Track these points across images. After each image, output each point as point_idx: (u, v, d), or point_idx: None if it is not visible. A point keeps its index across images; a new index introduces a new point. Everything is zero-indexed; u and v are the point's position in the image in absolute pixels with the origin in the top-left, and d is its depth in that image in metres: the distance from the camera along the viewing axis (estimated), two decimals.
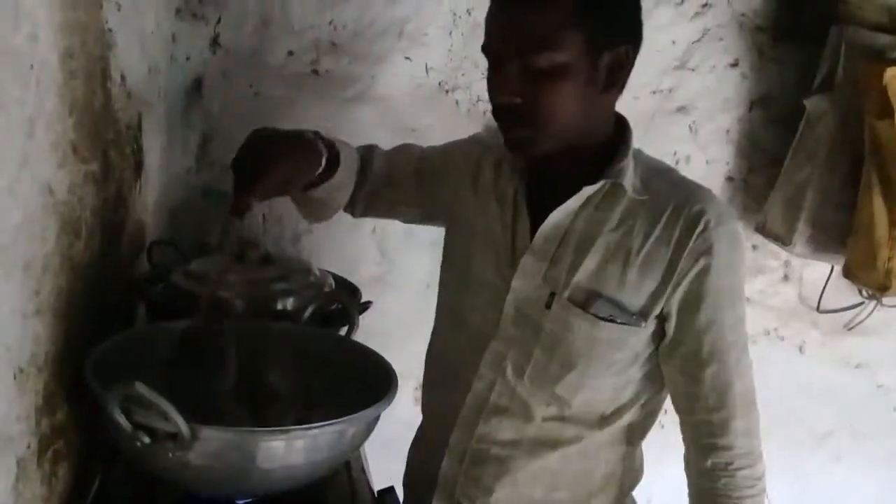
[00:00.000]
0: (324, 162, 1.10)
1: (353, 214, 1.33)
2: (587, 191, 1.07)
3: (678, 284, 1.07)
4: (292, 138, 1.08)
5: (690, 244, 1.05)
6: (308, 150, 1.09)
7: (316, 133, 1.13)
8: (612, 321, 1.08)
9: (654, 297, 1.08)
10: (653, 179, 1.10)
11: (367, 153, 1.30)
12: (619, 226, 1.08)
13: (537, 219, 1.11)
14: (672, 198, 1.08)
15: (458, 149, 1.27)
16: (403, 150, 1.33)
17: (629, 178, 1.08)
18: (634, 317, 1.08)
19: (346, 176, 1.20)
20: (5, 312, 0.75)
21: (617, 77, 1.04)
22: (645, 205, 1.08)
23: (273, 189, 1.02)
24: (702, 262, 1.06)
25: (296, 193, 1.15)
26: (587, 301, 1.08)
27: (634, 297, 1.08)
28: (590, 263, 1.08)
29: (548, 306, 1.10)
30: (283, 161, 1.03)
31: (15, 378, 0.79)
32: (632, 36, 1.05)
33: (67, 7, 0.87)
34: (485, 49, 1.04)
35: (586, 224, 1.09)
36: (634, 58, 1.05)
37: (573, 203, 1.08)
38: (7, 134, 0.71)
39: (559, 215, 1.09)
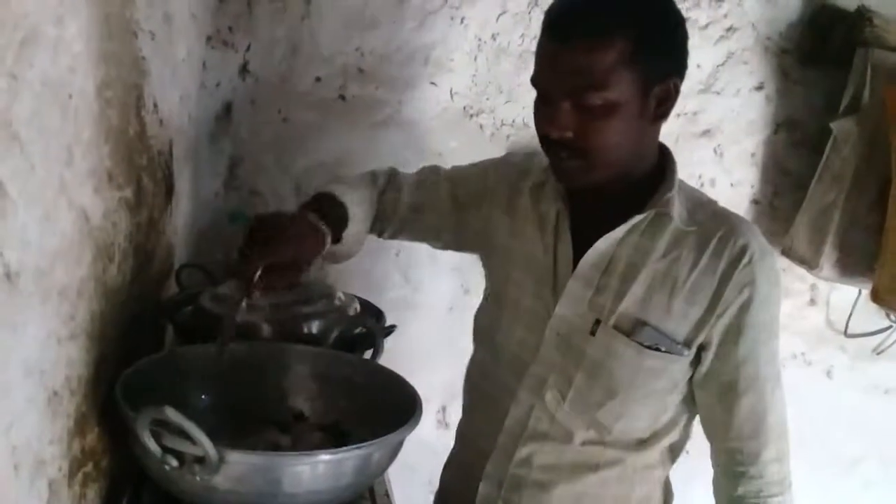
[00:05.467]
0: (328, 242, 1.09)
1: (380, 237, 1.33)
2: (635, 220, 1.08)
3: (721, 315, 1.07)
4: (298, 223, 1.07)
5: (735, 276, 1.06)
6: (311, 236, 1.07)
7: (319, 204, 1.12)
8: (656, 349, 1.08)
9: (699, 326, 1.08)
10: (696, 211, 1.11)
11: (391, 182, 1.29)
12: (666, 255, 1.09)
13: (578, 243, 1.12)
14: (717, 229, 1.09)
15: (492, 174, 1.26)
16: (431, 176, 1.31)
17: (677, 209, 1.08)
18: (678, 346, 1.08)
19: (355, 233, 1.18)
20: (41, 337, 0.76)
21: (665, 108, 1.05)
22: (691, 235, 1.08)
23: (279, 272, 1.01)
24: (745, 295, 1.06)
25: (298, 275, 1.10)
26: (633, 329, 1.08)
27: (679, 326, 1.08)
28: (636, 292, 1.08)
29: (592, 333, 1.10)
30: (292, 245, 1.02)
31: (49, 402, 0.80)
32: (680, 67, 1.05)
33: (104, 38, 0.89)
34: (534, 82, 1.05)
35: (632, 252, 1.09)
36: (680, 86, 1.05)
37: (620, 231, 1.08)
38: (46, 162, 0.73)
39: (605, 243, 1.09)
